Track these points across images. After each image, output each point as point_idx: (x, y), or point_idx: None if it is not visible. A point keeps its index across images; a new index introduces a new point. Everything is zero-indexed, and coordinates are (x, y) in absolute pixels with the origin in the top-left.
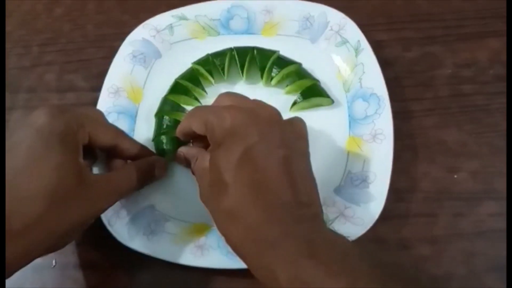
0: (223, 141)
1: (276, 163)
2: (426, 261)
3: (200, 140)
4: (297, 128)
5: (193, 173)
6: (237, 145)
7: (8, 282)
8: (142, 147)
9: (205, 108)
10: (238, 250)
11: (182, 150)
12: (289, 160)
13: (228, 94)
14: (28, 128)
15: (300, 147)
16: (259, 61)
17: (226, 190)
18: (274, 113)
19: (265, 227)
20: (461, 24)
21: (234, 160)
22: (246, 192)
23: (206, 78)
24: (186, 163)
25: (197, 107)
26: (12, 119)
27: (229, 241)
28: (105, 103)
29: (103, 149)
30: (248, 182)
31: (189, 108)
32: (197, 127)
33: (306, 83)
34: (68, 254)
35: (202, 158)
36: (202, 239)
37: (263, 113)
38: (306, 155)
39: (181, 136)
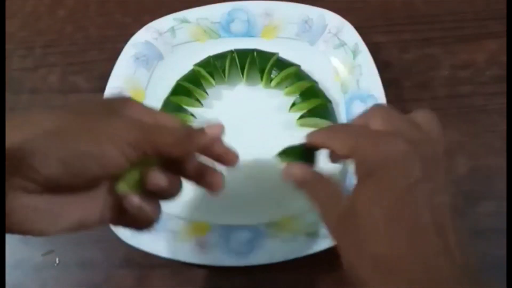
0: (374, 173)
1: (441, 212)
2: None
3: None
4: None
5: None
6: (395, 181)
7: (9, 281)
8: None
9: (352, 128)
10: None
11: (297, 169)
12: (452, 210)
13: (380, 109)
14: None
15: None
16: (259, 63)
17: (378, 232)
18: (438, 145)
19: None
20: (459, 26)
21: (390, 197)
22: (402, 240)
23: (207, 80)
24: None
25: (339, 125)
26: None
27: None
28: None
29: None
30: (406, 227)
31: (190, 109)
32: (339, 147)
33: (305, 84)
34: (70, 252)
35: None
36: (203, 237)
37: (427, 145)
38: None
39: (308, 147)
